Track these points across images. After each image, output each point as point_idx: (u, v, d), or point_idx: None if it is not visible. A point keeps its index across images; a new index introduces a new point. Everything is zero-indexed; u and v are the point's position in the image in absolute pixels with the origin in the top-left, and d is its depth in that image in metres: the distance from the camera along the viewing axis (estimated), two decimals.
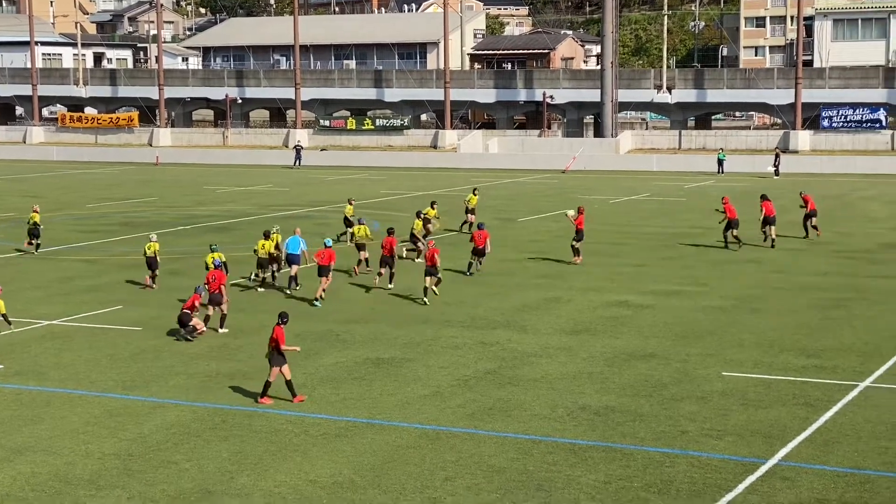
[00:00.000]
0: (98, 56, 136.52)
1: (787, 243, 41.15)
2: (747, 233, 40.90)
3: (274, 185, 69.17)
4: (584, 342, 25.17)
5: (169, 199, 59.25)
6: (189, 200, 58.63)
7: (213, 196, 61.54)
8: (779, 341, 25.14)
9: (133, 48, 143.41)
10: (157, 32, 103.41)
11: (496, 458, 17.19)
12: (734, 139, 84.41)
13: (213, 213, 52.53)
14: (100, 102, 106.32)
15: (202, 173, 78.24)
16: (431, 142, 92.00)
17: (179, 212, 52.72)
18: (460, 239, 41.88)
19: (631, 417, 19.32)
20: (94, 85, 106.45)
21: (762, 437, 18.11)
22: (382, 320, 27.77)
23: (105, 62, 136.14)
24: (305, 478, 16.39)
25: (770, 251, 38.92)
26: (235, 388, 21.45)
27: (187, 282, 33.64)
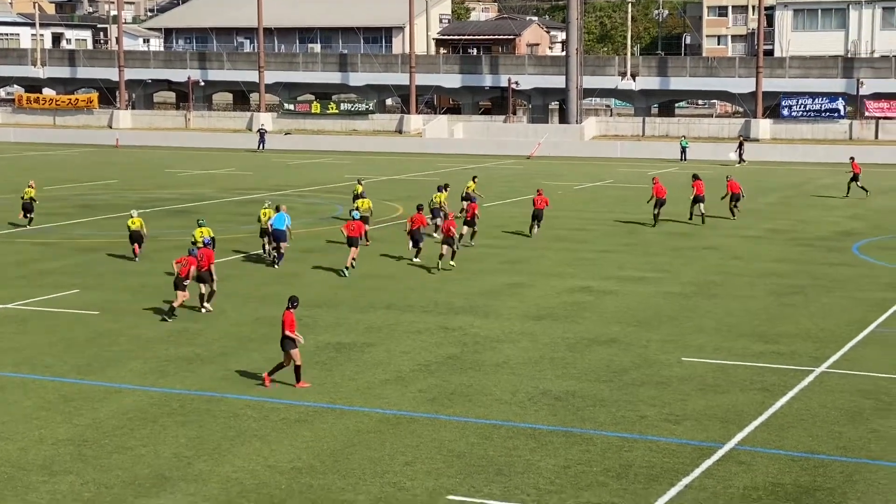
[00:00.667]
0: (57, 36, 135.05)
1: (746, 230, 41.44)
2: (677, 210, 41.03)
3: (237, 168, 68.79)
4: (546, 327, 25.22)
5: (129, 182, 58.78)
6: (150, 183, 58.18)
7: (174, 179, 61.12)
8: (737, 327, 25.31)
9: (93, 29, 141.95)
10: (117, 13, 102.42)
11: (456, 443, 17.19)
12: (696, 127, 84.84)
13: (174, 196, 52.17)
14: (58, 83, 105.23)
15: (163, 156, 77.69)
16: (396, 126, 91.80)
17: (140, 195, 52.31)
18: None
19: (591, 402, 19.38)
20: (52, 66, 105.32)
21: (719, 422, 18.23)
22: (345, 305, 27.69)
23: (64, 42, 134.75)
24: (264, 463, 16.31)
25: (730, 238, 39.18)
26: (194, 373, 21.31)
27: (146, 266, 33.42)
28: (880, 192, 55.06)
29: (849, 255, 35.65)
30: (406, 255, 34.58)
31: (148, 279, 31.13)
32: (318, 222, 43.40)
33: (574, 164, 71.67)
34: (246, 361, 22.18)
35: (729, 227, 42.38)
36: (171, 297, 28.62)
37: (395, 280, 31.04)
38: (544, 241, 38.55)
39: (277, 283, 30.33)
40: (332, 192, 54.64)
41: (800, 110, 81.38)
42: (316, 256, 35.09)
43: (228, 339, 24.13)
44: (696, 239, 39.17)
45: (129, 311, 26.88)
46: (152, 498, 14.97)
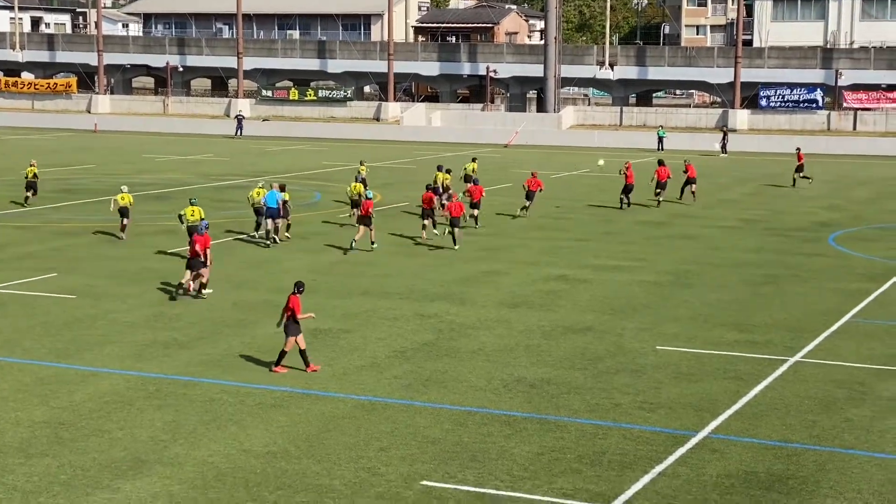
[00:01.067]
0: (35, 20, 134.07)
1: (722, 220, 41.64)
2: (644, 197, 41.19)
3: (215, 154, 68.55)
4: (521, 315, 25.29)
5: (108, 167, 58.52)
6: (128, 168, 57.95)
7: (152, 164, 60.89)
8: (712, 316, 25.44)
9: (72, 13, 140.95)
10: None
11: (431, 429, 17.24)
12: (674, 117, 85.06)
13: (152, 181, 51.98)
14: (37, 67, 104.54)
15: (141, 141, 77.34)
16: (374, 114, 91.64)
17: (118, 179, 52.06)
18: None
19: (566, 390, 19.46)
20: (31, 49, 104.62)
21: (693, 410, 18.34)
22: (322, 291, 27.68)
23: (43, 26, 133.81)
24: (239, 447, 16.33)
25: (707, 228, 39.37)
26: (171, 358, 21.29)
27: (125, 250, 33.32)
28: (857, 183, 55.39)
29: (824, 246, 35.87)
30: (380, 242, 34.60)
31: (126, 264, 31.04)
32: (296, 209, 43.29)
33: (551, 153, 71.74)
34: (223, 346, 22.17)
35: (705, 216, 42.58)
36: (147, 279, 28.56)
37: (372, 267, 31.05)
38: (521, 229, 38.63)
39: (255, 269, 30.30)
40: (310, 179, 54.57)
41: (778, 101, 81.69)
42: (294, 242, 35.04)
43: (206, 324, 24.11)
44: (672, 228, 39.32)
45: (108, 296, 26.80)
46: (128, 480, 14.97)
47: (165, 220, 39.60)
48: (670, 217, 42.36)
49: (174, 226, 38.06)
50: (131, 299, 26.49)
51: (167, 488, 14.75)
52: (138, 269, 30.29)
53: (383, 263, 31.57)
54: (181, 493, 14.62)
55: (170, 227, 37.86)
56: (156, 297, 26.68)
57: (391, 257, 32.57)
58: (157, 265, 30.84)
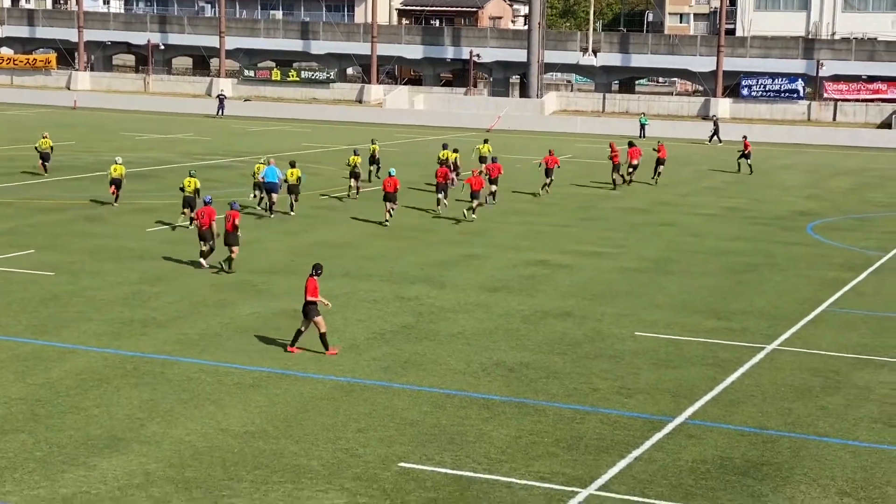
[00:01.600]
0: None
1: (703, 208, 41.76)
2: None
3: (195, 133, 68.26)
4: (501, 299, 25.32)
5: (87, 144, 58.20)
6: (108, 146, 57.63)
7: (132, 142, 60.59)
8: (691, 303, 25.54)
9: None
10: None
11: (409, 412, 17.27)
12: (656, 104, 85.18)
13: (132, 159, 51.70)
14: (16, 43, 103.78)
15: (121, 119, 76.93)
16: (357, 96, 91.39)
17: (98, 157, 51.82)
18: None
19: (544, 374, 19.52)
20: (10, 25, 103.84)
21: (671, 396, 18.43)
22: (302, 272, 27.60)
23: (23, 1, 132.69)
24: (217, 426, 16.32)
25: (687, 216, 39.48)
26: (149, 336, 21.23)
27: (103, 228, 33.18)
28: (837, 173, 55.63)
29: (803, 235, 36.04)
30: (361, 224, 34.60)
31: (105, 241, 30.92)
32: None
33: (533, 139, 71.73)
34: (201, 326, 22.12)
35: (687, 204, 42.70)
36: (126, 257, 28.46)
37: (352, 248, 31.03)
38: (501, 213, 38.65)
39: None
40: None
41: (759, 90, 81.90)
42: (274, 223, 34.97)
43: (184, 303, 24.05)
44: (653, 215, 39.42)
45: (86, 273, 26.70)
46: (105, 458, 14.94)
47: (145, 198, 39.42)
48: (651, 204, 42.46)
49: (153, 204, 37.91)
50: (110, 277, 26.40)
51: (143, 466, 14.73)
52: (117, 246, 30.17)
53: (364, 245, 31.54)
54: (158, 471, 14.60)
55: (149, 205, 37.72)
56: (135, 276, 26.59)
57: (372, 240, 32.55)
58: (136, 243, 30.73)
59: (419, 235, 33.47)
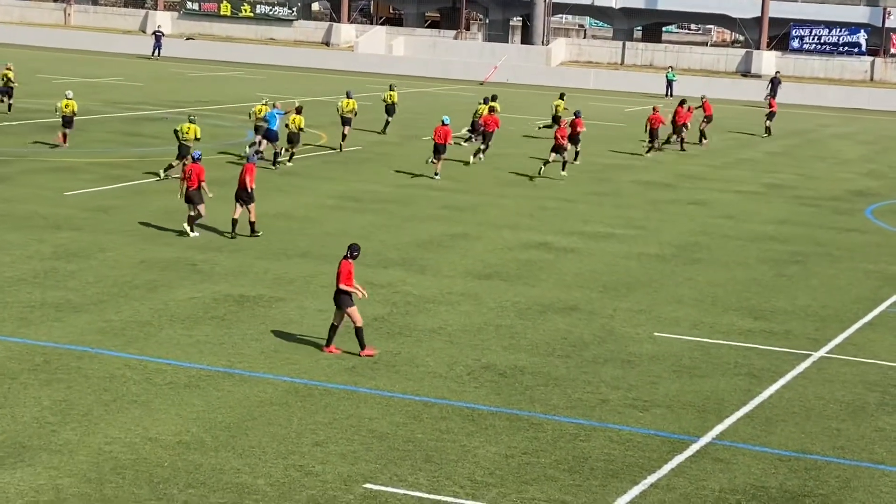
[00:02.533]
0: None
1: (741, 184, 41.87)
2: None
3: (125, 77, 67.99)
4: (493, 289, 25.35)
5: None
6: (18, 91, 57.31)
7: (48, 87, 60.32)
8: (723, 299, 25.60)
9: None
10: None
11: (378, 422, 17.28)
12: (687, 57, 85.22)
13: (47, 107, 51.49)
14: None
15: (36, 58, 76.54)
16: (323, 37, 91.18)
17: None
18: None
19: (543, 381, 19.55)
20: None
21: (695, 411, 18.47)
22: (251, 250, 27.63)
23: None
24: (144, 434, 16.30)
25: (722, 193, 39.59)
26: (64, 323, 21.19)
27: (9, 190, 33.06)
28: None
29: (861, 220, 36.16)
30: (325, 192, 34.57)
31: (12, 206, 30.82)
32: (223, 148, 43.11)
33: (537, 95, 71.71)
34: (128, 311, 22.09)
35: (721, 178, 42.80)
36: (37, 225, 28.38)
37: (313, 223, 31.01)
38: (496, 184, 38.69)
39: (170, 219, 30.16)
40: (243, 114, 54.23)
41: (813, 42, 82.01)
42: (216, 189, 34.86)
43: (107, 283, 24.01)
44: (679, 191, 39.50)
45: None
46: (7, 470, 14.91)
47: (62, 154, 39.30)
48: (677, 177, 42.54)
49: (71, 162, 37.80)
50: (16, 250, 26.33)
51: (54, 481, 14.71)
52: (27, 213, 30.08)
53: (327, 220, 31.52)
54: (71, 487, 14.59)
55: (67, 163, 37.60)
56: (47, 249, 26.52)
57: (336, 212, 32.52)
58: (50, 209, 30.64)
59: (393, 208, 33.45)
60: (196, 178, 28.31)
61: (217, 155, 40.85)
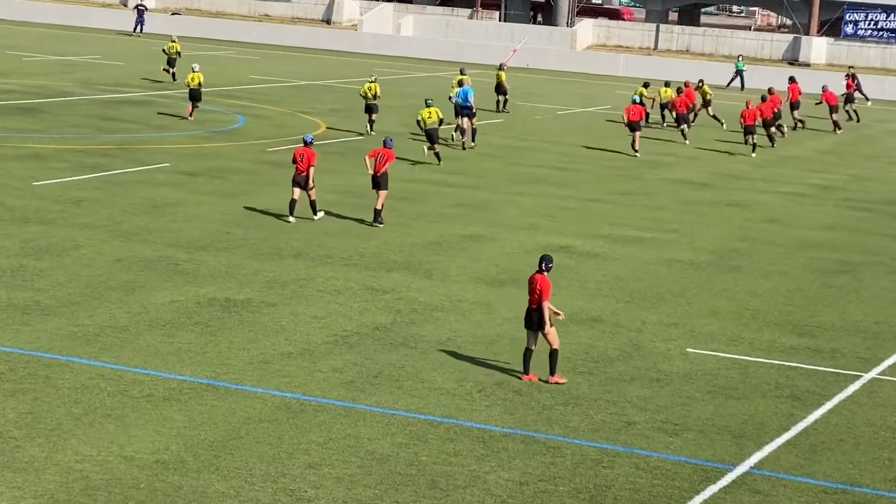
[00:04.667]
0: None
1: (785, 184, 41.82)
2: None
3: (103, 56, 68.08)
4: (508, 297, 25.34)
5: None
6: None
7: (17, 65, 60.46)
8: (764, 312, 25.57)
9: None
10: None
11: (378, 443, 17.28)
12: (727, 42, 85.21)
13: (15, 88, 51.65)
14: None
15: (6, 33, 76.70)
16: (324, 14, 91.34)
17: None
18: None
19: (562, 400, 19.55)
20: None
21: (731, 437, 18.46)
22: (240, 249, 27.65)
23: None
24: (119, 452, 16.32)
25: (764, 194, 39.57)
26: (31, 327, 21.21)
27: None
28: None
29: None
30: (324, 190, 34.62)
31: None
32: (210, 136, 43.16)
33: (560, 82, 71.76)
34: (102, 316, 22.12)
35: (763, 178, 42.76)
36: (2, 219, 28.43)
37: (309, 221, 31.02)
38: (511, 181, 38.68)
39: (148, 214, 30.22)
40: (233, 98, 54.34)
41: (868, 28, 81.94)
42: (204, 181, 34.97)
43: (79, 283, 24.04)
44: (716, 191, 39.46)
45: None
46: None
47: (31, 140, 39.35)
48: (714, 176, 42.50)
49: (41, 149, 37.86)
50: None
51: (17, 503, 14.73)
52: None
53: (325, 217, 31.51)
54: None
55: (36, 150, 37.66)
56: (14, 245, 26.56)
57: (335, 209, 32.53)
58: (18, 201, 30.69)
59: (400, 206, 33.45)
60: (307, 163, 30.22)
61: (203, 144, 40.82)
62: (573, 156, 44.77)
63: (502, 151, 43.99)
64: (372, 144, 43.47)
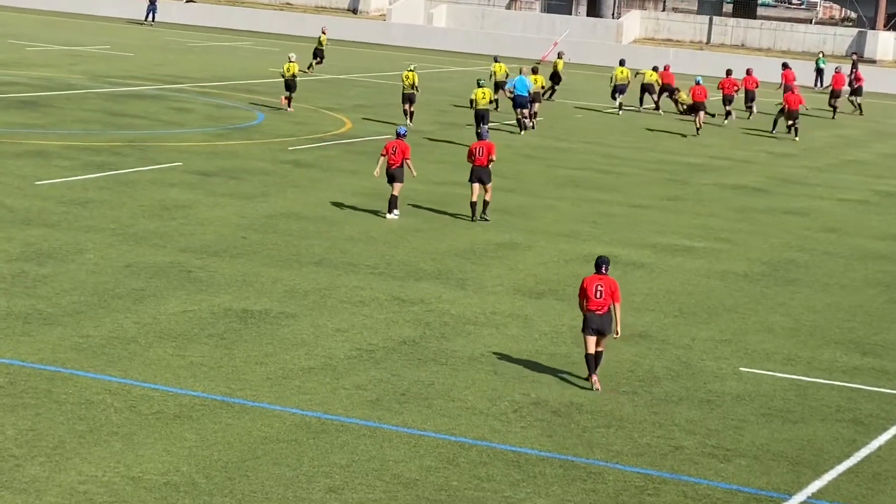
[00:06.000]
0: None
1: (848, 191, 41.68)
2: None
3: (112, 46, 68.33)
4: (546, 309, 25.33)
5: None
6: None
7: (20, 55, 60.73)
8: (823, 329, 25.50)
9: None
10: None
11: (405, 466, 17.28)
12: (786, 36, 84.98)
13: (17, 80, 51.87)
14: None
15: (5, 20, 77.08)
16: (350, 3, 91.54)
17: None
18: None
19: (605, 422, 19.52)
20: None
21: (788, 464, 18.40)
22: (257, 255, 27.69)
23: None
24: (126, 473, 16.36)
25: (824, 200, 39.50)
26: (32, 338, 21.29)
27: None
28: None
29: None
30: (348, 187, 34.67)
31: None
32: (226, 133, 43.26)
33: (604, 77, 71.53)
34: (109, 326, 22.18)
35: (824, 184, 42.64)
36: (4, 221, 28.54)
37: (331, 224, 31.07)
38: (551, 185, 38.66)
39: (159, 217, 30.30)
40: (250, 93, 54.47)
41: None
42: (219, 182, 35.04)
43: (85, 291, 24.11)
44: (773, 197, 39.36)
45: None
46: None
47: (34, 136, 39.50)
48: (771, 181, 42.40)
49: (45, 146, 37.99)
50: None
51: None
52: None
53: (348, 221, 31.56)
54: None
55: (40, 147, 37.80)
56: (15, 248, 26.66)
57: (359, 212, 32.56)
58: (20, 202, 30.80)
59: (431, 212, 33.45)
60: (401, 156, 31.71)
61: (218, 142, 40.93)
62: (617, 157, 44.70)
63: (541, 152, 43.93)
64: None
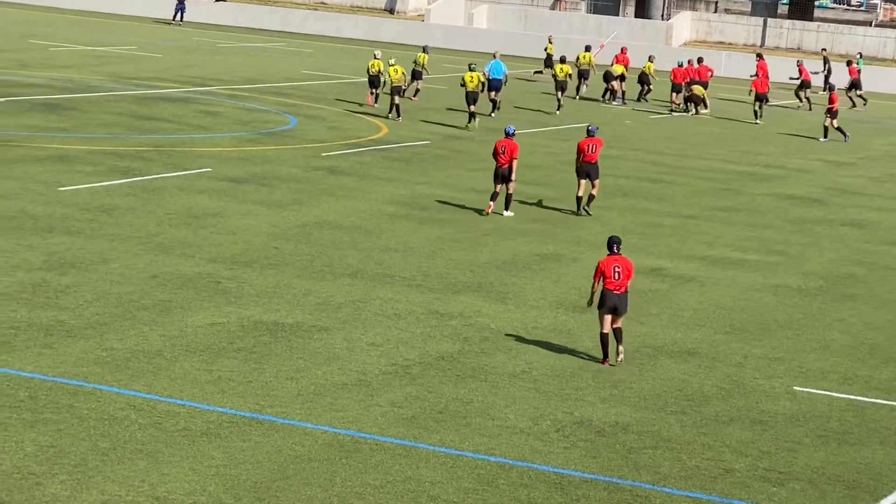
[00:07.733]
0: None
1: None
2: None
3: (139, 47, 68.55)
4: (591, 324, 25.27)
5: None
6: (7, 60, 58.06)
7: (43, 56, 60.96)
8: (883, 347, 25.39)
9: None
10: None
11: (442, 488, 17.28)
12: (845, 39, 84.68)
13: (40, 81, 52.07)
14: None
15: (29, 19, 77.44)
16: (387, 3, 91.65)
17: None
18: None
19: (652, 442, 19.48)
20: None
21: (844, 488, 18.33)
22: (288, 266, 27.73)
23: None
24: (150, 492, 16.40)
25: (884, 212, 39.33)
26: (54, 350, 21.36)
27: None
28: None
29: None
30: (385, 195, 34.70)
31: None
32: (257, 138, 43.35)
33: (654, 81, 71.48)
34: (134, 339, 22.23)
35: (883, 195, 42.46)
36: (27, 228, 28.67)
37: (366, 234, 31.08)
38: (602, 195, 38.55)
39: (187, 225, 30.36)
40: (283, 96, 54.58)
41: None
42: (250, 189, 35.11)
43: (109, 302, 24.18)
44: (830, 209, 39.22)
45: None
46: None
47: (57, 140, 39.65)
48: (827, 191, 42.24)
49: (68, 150, 38.12)
50: (0, 258, 26.60)
51: None
52: (12, 211, 30.37)
53: (384, 231, 31.57)
54: None
55: (63, 151, 37.93)
56: (37, 257, 26.75)
57: (396, 222, 32.58)
58: (42, 208, 30.90)
59: (469, 220, 33.46)
60: (509, 155, 33.14)
61: (247, 148, 41.02)
62: (666, 166, 44.61)
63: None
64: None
